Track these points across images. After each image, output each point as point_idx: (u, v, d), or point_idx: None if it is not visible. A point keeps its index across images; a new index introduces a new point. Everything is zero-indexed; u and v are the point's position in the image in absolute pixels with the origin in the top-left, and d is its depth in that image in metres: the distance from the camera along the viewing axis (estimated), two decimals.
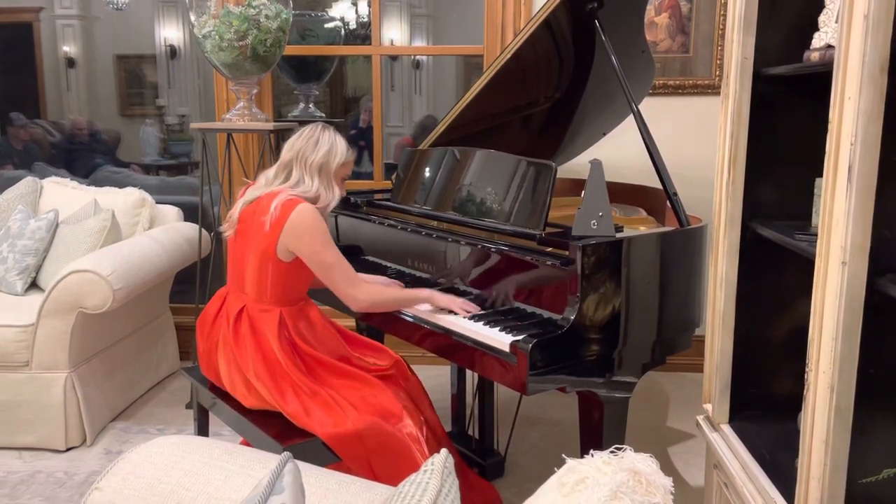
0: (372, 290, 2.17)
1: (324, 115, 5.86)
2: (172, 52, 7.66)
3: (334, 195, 2.18)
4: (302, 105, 5.30)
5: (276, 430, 2.06)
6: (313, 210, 2.09)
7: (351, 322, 2.73)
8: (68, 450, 2.85)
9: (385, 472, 2.00)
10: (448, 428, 2.85)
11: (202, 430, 2.45)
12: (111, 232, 3.18)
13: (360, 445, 1.98)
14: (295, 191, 2.13)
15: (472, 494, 2.34)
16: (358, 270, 2.55)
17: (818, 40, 1.62)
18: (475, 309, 2.11)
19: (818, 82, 1.50)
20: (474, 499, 2.35)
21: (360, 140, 6.40)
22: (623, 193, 2.65)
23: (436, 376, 3.41)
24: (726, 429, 1.92)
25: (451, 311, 2.11)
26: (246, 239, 2.16)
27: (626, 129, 2.60)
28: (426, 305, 2.18)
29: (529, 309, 2.02)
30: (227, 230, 2.23)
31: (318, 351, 2.16)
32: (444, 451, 1.07)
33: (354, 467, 1.99)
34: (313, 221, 2.07)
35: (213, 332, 2.24)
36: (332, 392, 2.07)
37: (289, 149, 2.18)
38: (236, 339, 2.16)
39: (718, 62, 3.40)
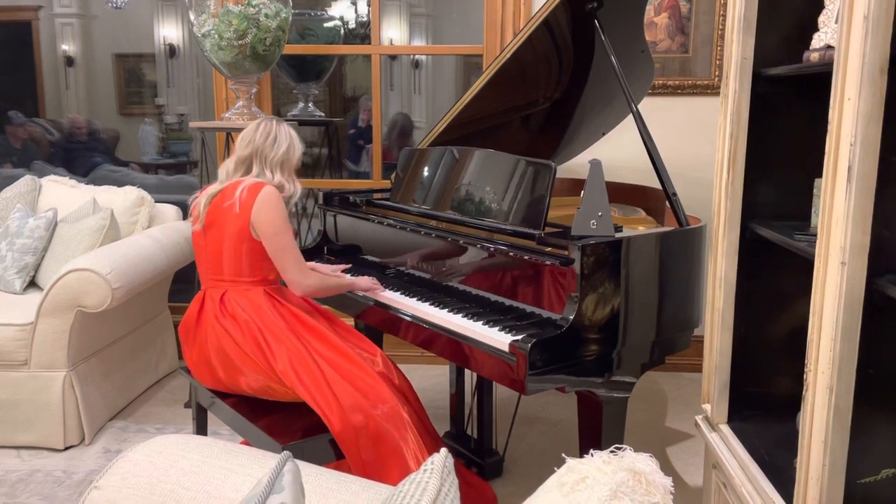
0: (318, 278, 2.29)
1: (323, 114, 5.85)
2: (172, 50, 7.65)
3: (296, 188, 2.28)
4: (301, 104, 5.30)
5: (275, 429, 2.06)
6: (278, 194, 2.19)
7: (350, 322, 2.73)
8: (67, 449, 2.85)
9: (372, 455, 2.02)
10: (447, 427, 2.85)
11: (201, 429, 2.45)
12: (110, 231, 3.18)
13: (346, 418, 2.00)
14: (258, 179, 2.22)
15: (469, 493, 2.34)
16: (357, 271, 2.57)
17: (818, 41, 1.63)
18: (378, 286, 2.36)
19: (818, 83, 1.50)
20: (472, 497, 2.36)
21: (359, 139, 6.40)
22: (622, 193, 2.65)
23: (434, 376, 3.42)
24: (725, 429, 1.93)
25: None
26: (218, 229, 2.21)
27: (626, 129, 2.60)
28: (425, 306, 2.19)
29: (528, 308, 2.02)
30: (196, 224, 2.27)
31: (308, 316, 2.22)
32: (443, 450, 1.07)
33: (344, 448, 2.00)
34: (278, 203, 2.18)
35: (200, 332, 2.25)
36: (322, 363, 2.10)
37: (246, 144, 2.25)
38: (226, 316, 2.18)
39: (718, 62, 3.41)
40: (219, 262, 2.23)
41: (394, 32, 7.45)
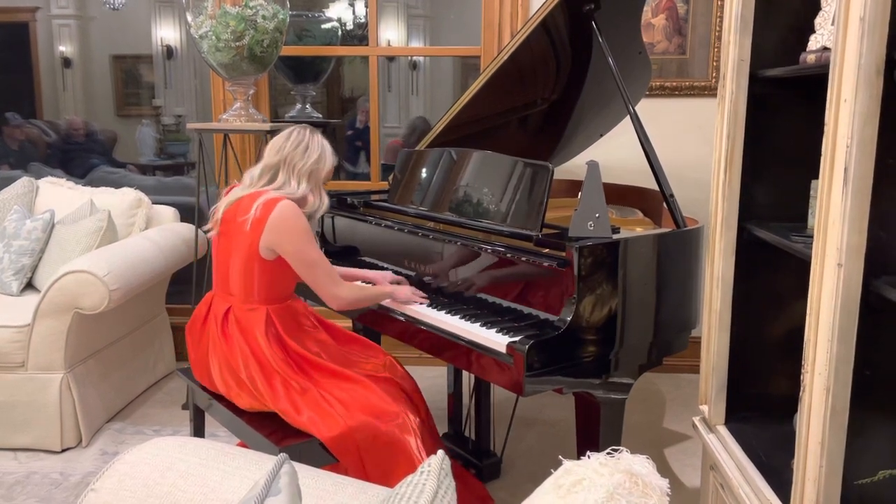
0: (352, 289, 2.21)
1: (320, 115, 5.85)
2: (169, 52, 7.65)
3: (322, 202, 2.18)
4: (299, 105, 5.30)
5: (272, 431, 2.06)
6: (295, 207, 2.08)
7: (347, 322, 2.73)
8: (64, 450, 2.85)
9: (377, 470, 2.00)
10: (444, 429, 2.85)
11: (198, 431, 2.44)
12: (107, 232, 3.17)
13: (351, 443, 1.99)
14: (279, 192, 2.12)
15: (466, 495, 2.34)
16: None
17: (814, 42, 1.63)
18: (423, 296, 2.24)
19: (814, 84, 1.51)
20: (469, 499, 2.36)
21: (357, 141, 6.40)
22: (620, 195, 2.65)
23: (432, 377, 3.41)
24: (722, 430, 1.93)
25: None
26: (228, 240, 2.17)
27: (623, 131, 2.60)
28: (422, 307, 2.19)
29: (526, 310, 2.02)
30: (212, 230, 2.23)
31: (307, 349, 2.16)
32: (440, 452, 1.07)
33: (347, 465, 1.99)
34: (296, 218, 2.07)
35: (204, 337, 2.24)
36: (321, 391, 2.07)
37: (276, 151, 2.15)
38: (225, 339, 2.16)
39: (715, 64, 3.41)
40: (227, 276, 2.19)
41: (391, 34, 7.46)
